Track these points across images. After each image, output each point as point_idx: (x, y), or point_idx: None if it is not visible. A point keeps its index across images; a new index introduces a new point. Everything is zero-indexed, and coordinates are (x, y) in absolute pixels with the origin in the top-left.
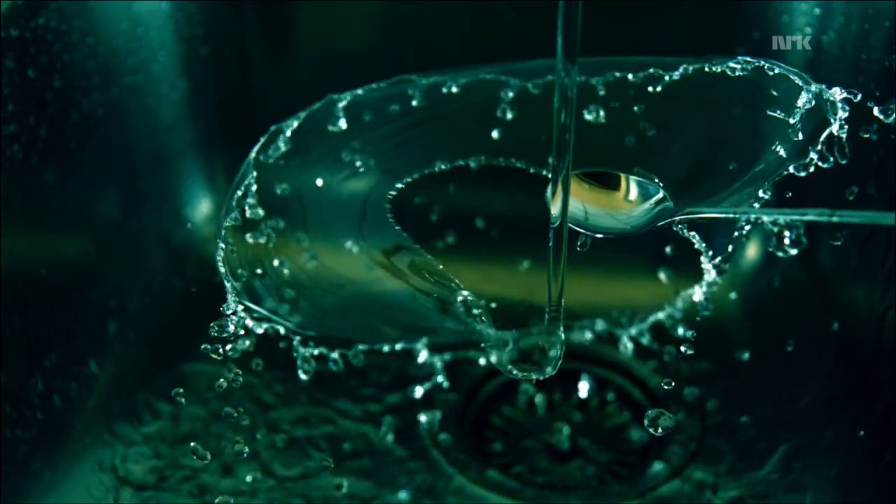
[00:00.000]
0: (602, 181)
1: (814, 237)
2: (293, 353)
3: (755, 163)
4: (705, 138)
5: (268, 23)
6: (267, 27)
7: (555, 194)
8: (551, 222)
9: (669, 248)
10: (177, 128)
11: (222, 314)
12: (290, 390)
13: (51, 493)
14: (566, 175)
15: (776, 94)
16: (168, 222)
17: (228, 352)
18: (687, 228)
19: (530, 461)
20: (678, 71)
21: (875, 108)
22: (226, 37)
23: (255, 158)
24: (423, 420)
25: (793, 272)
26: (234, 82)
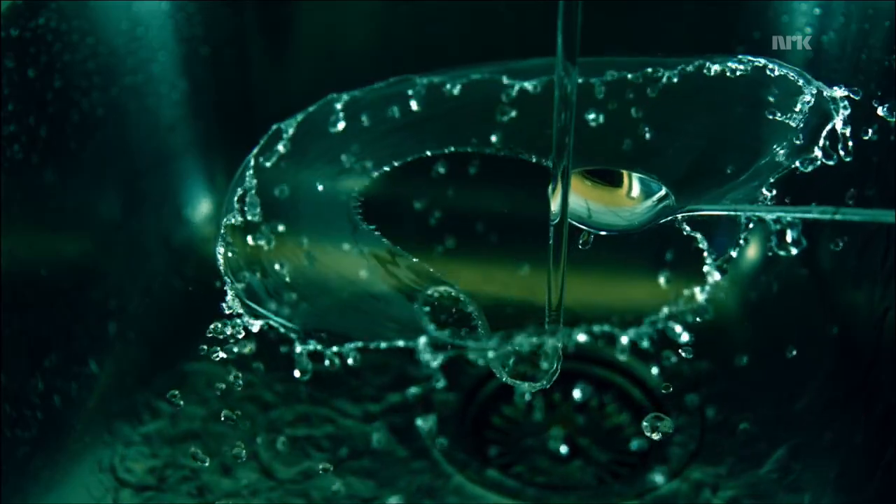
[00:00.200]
0: (605, 178)
1: (814, 237)
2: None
3: (758, 159)
4: (706, 137)
5: (268, 23)
6: (267, 27)
7: (554, 191)
8: (551, 219)
9: (670, 248)
10: (177, 128)
11: (222, 314)
12: (290, 390)
13: (51, 493)
14: (566, 174)
15: (777, 93)
16: (168, 222)
17: (228, 351)
18: (690, 228)
19: (530, 461)
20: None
21: (880, 107)
22: (226, 37)
23: (254, 158)
24: (423, 420)
25: (793, 273)
26: (234, 82)
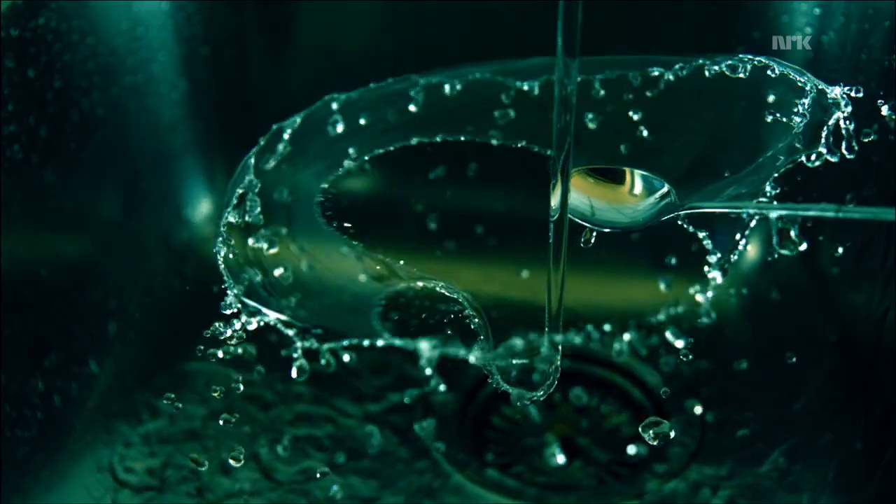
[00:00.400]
0: (607, 176)
1: (814, 238)
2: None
3: (758, 157)
4: (707, 136)
5: (268, 23)
6: (267, 27)
7: (554, 188)
8: (551, 216)
9: (671, 248)
10: (177, 128)
11: (222, 314)
12: (290, 389)
13: (51, 493)
14: (566, 174)
15: (777, 92)
16: (168, 222)
17: (229, 351)
18: (692, 226)
19: (530, 461)
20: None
21: (884, 106)
22: (226, 37)
23: (254, 158)
24: (423, 420)
25: (793, 273)
26: (234, 82)
